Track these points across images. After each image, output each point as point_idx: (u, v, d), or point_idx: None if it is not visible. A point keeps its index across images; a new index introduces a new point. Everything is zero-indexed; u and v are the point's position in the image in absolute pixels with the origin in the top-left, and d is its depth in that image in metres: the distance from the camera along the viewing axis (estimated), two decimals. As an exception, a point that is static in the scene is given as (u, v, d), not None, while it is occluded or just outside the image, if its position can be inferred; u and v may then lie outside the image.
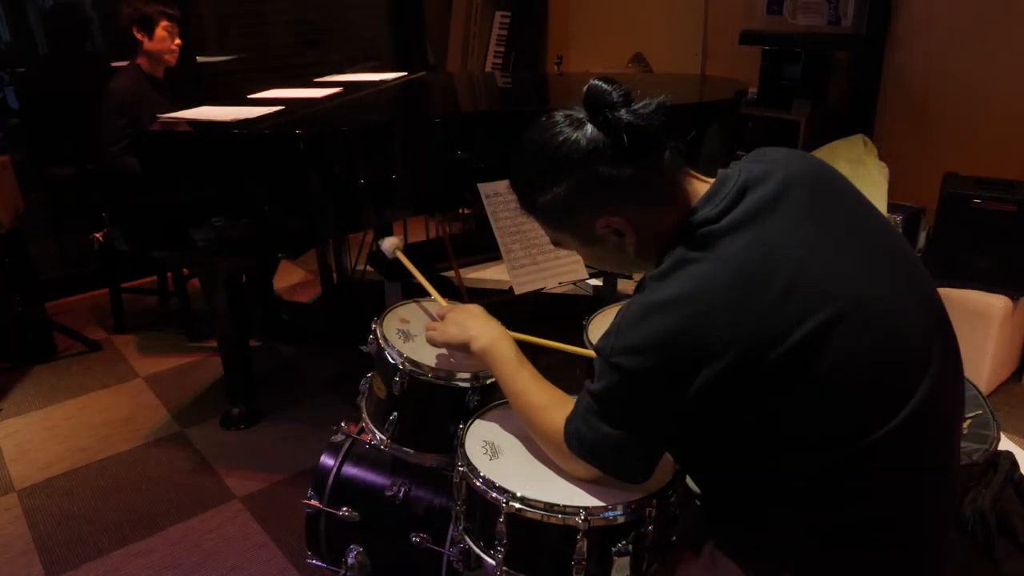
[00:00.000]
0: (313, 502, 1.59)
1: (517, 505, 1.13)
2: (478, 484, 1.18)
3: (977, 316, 2.68)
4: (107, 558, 2.09)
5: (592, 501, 1.13)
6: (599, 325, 1.65)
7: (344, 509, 1.56)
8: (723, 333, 0.92)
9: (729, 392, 0.94)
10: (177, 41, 3.16)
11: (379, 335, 1.49)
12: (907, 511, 0.99)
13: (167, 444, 2.61)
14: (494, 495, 1.15)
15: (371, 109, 2.97)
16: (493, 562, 1.17)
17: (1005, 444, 1.53)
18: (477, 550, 1.21)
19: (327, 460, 1.63)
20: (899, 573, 1.02)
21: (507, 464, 1.23)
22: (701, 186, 1.05)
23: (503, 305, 1.46)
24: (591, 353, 1.41)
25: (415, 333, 1.54)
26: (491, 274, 3.59)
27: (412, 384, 1.42)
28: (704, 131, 2.79)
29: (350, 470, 1.61)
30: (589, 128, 1.01)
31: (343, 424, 1.69)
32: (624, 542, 1.12)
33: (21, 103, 3.66)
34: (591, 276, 2.11)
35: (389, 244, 1.68)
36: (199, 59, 4.11)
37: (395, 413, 1.46)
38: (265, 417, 2.73)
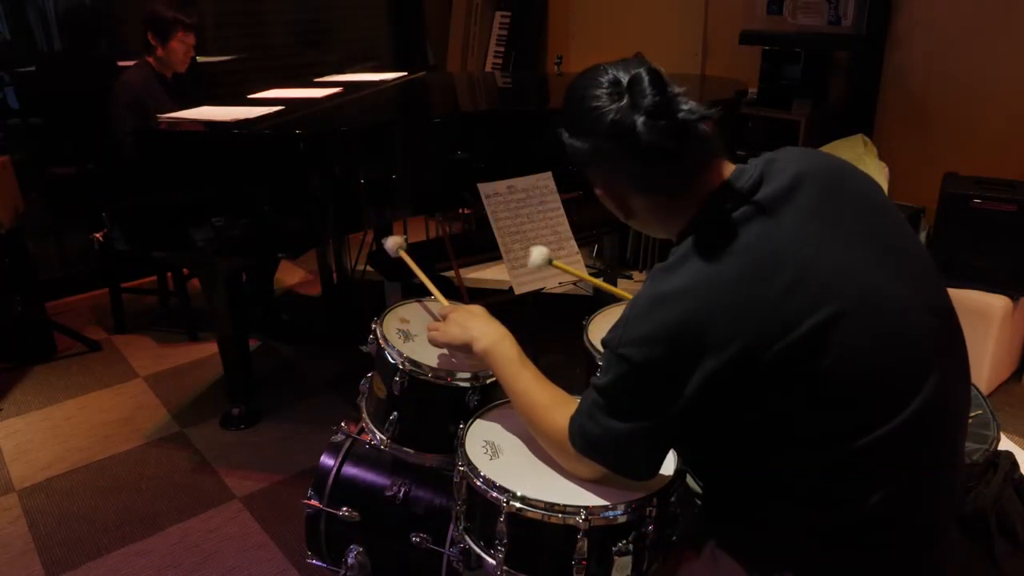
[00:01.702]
0: (313, 502, 1.59)
1: (517, 505, 1.13)
2: (478, 484, 1.18)
3: (977, 316, 2.68)
4: (107, 558, 2.09)
5: (593, 500, 1.13)
6: (599, 325, 1.65)
7: (344, 509, 1.56)
8: (728, 327, 0.93)
9: (732, 386, 0.95)
10: (190, 54, 3.18)
11: (379, 335, 1.48)
12: (908, 510, 0.98)
13: (167, 444, 2.61)
14: (494, 495, 1.15)
15: (371, 109, 2.97)
16: (493, 562, 1.17)
17: (1005, 444, 1.53)
18: (477, 550, 1.21)
19: (327, 460, 1.63)
20: (899, 573, 1.02)
21: (507, 464, 1.23)
22: (717, 179, 1.04)
23: (503, 305, 1.46)
24: (627, 295, 1.47)
25: (415, 333, 1.54)
26: (491, 274, 3.59)
27: (412, 384, 1.42)
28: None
29: (350, 470, 1.61)
30: (624, 102, 1.01)
31: (343, 424, 1.69)
32: (625, 541, 1.12)
33: (21, 103, 3.65)
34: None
35: (392, 243, 1.68)
36: (199, 59, 4.09)
37: (395, 413, 1.46)
38: (265, 417, 2.73)
